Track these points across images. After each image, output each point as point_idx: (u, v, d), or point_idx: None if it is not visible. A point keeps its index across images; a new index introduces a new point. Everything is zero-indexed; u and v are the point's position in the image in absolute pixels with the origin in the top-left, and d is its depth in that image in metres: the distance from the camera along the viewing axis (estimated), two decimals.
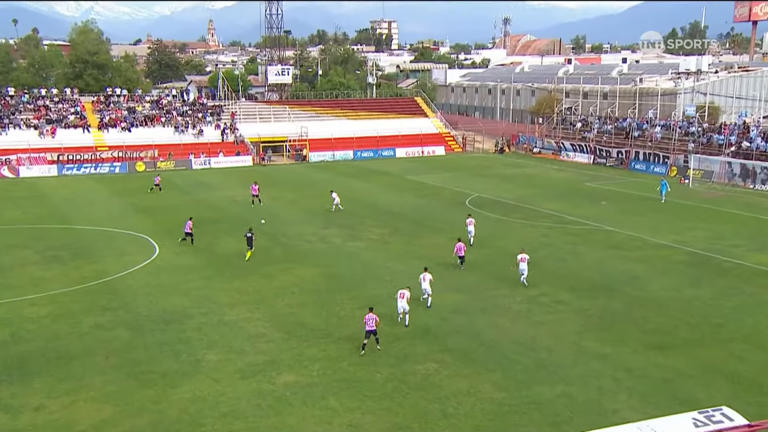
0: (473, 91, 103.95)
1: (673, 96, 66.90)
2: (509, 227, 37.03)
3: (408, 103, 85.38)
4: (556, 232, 35.76)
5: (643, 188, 49.57)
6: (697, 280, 26.85)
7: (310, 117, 77.40)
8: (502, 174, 58.47)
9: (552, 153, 69.90)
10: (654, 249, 31.99)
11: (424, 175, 57.51)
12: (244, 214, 41.07)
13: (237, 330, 22.59)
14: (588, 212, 40.82)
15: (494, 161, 67.44)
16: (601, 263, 29.66)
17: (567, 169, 60.52)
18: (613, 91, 72.37)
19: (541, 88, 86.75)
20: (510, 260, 30.14)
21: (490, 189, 49.25)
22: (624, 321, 22.91)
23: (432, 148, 73.71)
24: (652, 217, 39.38)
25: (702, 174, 52.30)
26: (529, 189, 49.71)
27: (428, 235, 35.43)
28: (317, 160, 68.47)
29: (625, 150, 61.28)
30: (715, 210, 41.36)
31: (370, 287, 26.78)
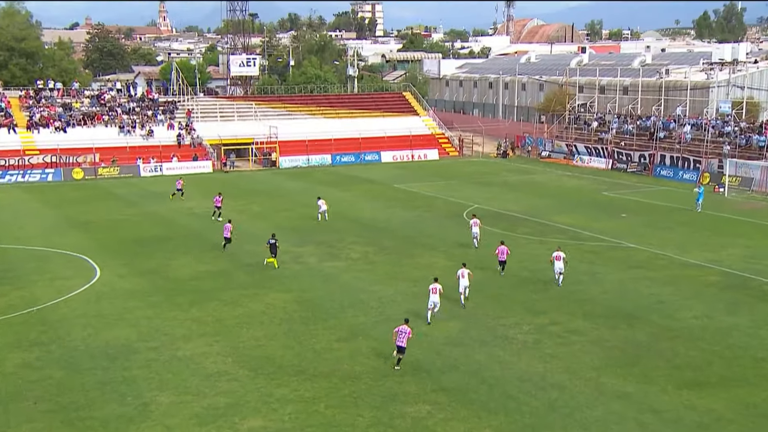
0: (471, 84, 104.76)
1: (705, 90, 67.86)
2: (515, 244, 37.21)
3: (395, 99, 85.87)
4: (570, 249, 35.97)
5: (670, 198, 50.12)
6: (735, 306, 27.16)
7: (281, 115, 77.56)
8: (506, 182, 58.82)
9: (564, 157, 70.54)
10: (683, 269, 32.33)
11: (414, 184, 57.71)
12: (203, 230, 40.95)
13: (193, 367, 22.47)
14: (606, 226, 41.16)
15: (496, 167, 67.86)
16: (622, 286, 29.91)
17: (581, 176, 61.07)
18: (635, 84, 73.28)
19: (550, 81, 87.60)
20: (515, 282, 30.32)
21: (492, 199, 49.53)
22: (650, 354, 23.09)
23: (424, 152, 74.09)
24: (680, 231, 39.83)
25: (739, 181, 53.00)
26: (538, 199, 50.05)
27: (420, 253, 35.56)
28: (289, 166, 68.53)
29: (649, 153, 62.01)
30: (754, 223, 41.86)
31: (351, 315, 26.81)
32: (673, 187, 55.17)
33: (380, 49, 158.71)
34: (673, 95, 69.36)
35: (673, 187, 54.84)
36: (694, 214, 44.49)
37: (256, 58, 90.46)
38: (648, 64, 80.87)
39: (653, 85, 72.04)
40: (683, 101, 66.21)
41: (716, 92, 66.53)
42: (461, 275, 27.25)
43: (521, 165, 68.50)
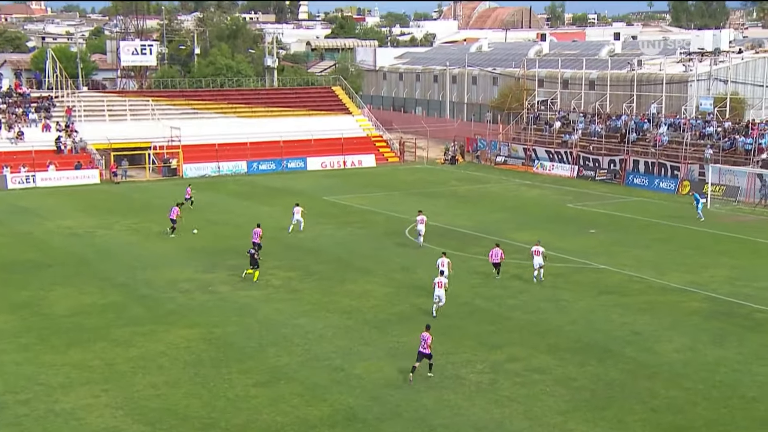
0: (413, 78, 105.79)
1: (684, 84, 70.16)
2: (466, 266, 37.60)
3: (323, 95, 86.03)
4: (531, 272, 36.54)
5: (645, 210, 51.50)
6: (721, 337, 27.94)
7: (185, 114, 76.77)
8: (455, 193, 59.43)
9: (522, 163, 71.80)
10: (662, 294, 33.16)
11: (347, 196, 57.77)
12: (87, 253, 40.08)
13: (74, 423, 21.87)
14: (572, 244, 41.95)
15: (444, 175, 68.52)
16: (591, 315, 30.49)
17: (542, 186, 62.23)
18: (603, 78, 75.28)
19: (505, 74, 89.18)
20: (467, 311, 30.59)
21: (440, 214, 49.97)
22: (624, 395, 23.54)
23: (358, 158, 74.34)
24: (657, 250, 40.91)
25: (724, 191, 54.89)
26: (492, 213, 50.71)
27: (354, 278, 35.61)
28: (195, 175, 67.83)
29: (621, 159, 63.67)
30: (741, 240, 43.33)
31: (272, 355, 26.59)
32: (648, 197, 56.73)
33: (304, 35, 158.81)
34: (647, 90, 71.49)
35: (648, 198, 56.38)
36: (671, 230, 45.78)
37: (153, 44, 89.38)
38: (617, 54, 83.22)
39: (624, 79, 74.10)
40: (658, 97, 68.26)
41: (696, 87, 68.81)
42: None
43: (473, 173, 69.37)
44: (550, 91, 79.86)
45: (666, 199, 55.64)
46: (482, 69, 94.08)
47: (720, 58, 70.74)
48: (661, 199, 55.64)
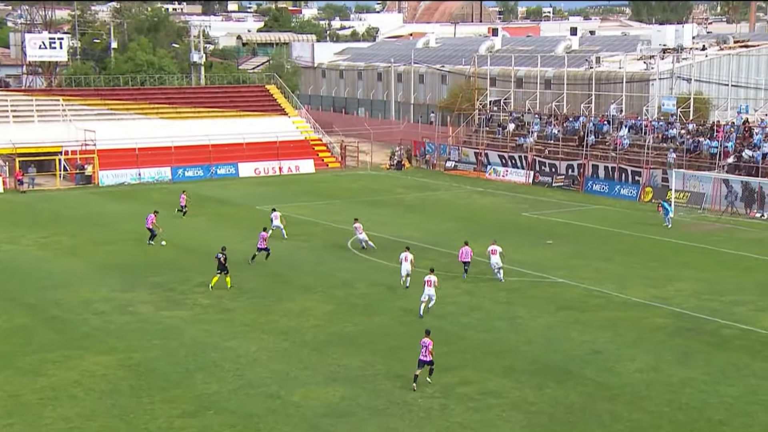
0: (355, 76, 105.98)
1: (645, 84, 71.53)
2: (412, 281, 37.70)
3: (256, 94, 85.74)
4: (484, 287, 36.81)
5: (606, 219, 52.31)
6: (687, 356, 28.43)
7: (101, 115, 75.78)
8: (402, 201, 59.63)
9: (473, 169, 72.41)
10: (623, 309, 33.67)
11: (283, 205, 57.50)
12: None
13: None
14: (528, 256, 42.41)
15: (389, 182, 68.71)
16: (549, 333, 30.83)
17: (496, 193, 62.82)
18: (559, 76, 76.37)
19: (455, 71, 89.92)
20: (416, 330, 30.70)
21: (385, 224, 50.06)
22: (585, 419, 23.81)
23: (295, 163, 74.22)
24: (619, 262, 41.58)
25: (688, 197, 56.05)
26: (442, 223, 51.01)
27: (291, 296, 35.52)
28: (112, 183, 66.99)
29: (579, 164, 64.63)
30: (707, 250, 44.27)
31: (200, 381, 26.34)
32: (608, 205, 57.66)
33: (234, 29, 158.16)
34: (606, 90, 72.74)
35: (609, 206, 57.31)
36: (633, 240, 46.54)
37: (64, 37, 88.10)
38: (575, 51, 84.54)
39: (582, 77, 75.31)
40: (618, 97, 69.48)
41: (658, 86, 70.20)
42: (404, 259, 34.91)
43: (421, 179, 69.69)
44: (503, 91, 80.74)
45: (627, 207, 56.62)
46: (430, 66, 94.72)
47: (683, 55, 72.33)
48: (623, 207, 56.60)
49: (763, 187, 52.72)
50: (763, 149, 55.38)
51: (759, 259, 42.05)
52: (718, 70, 70.77)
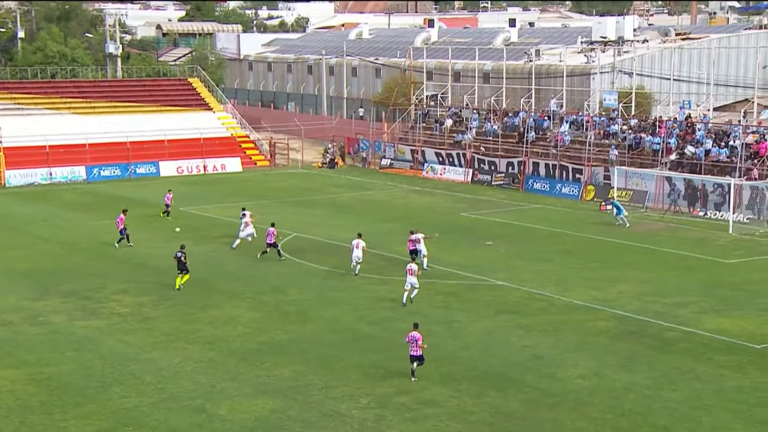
0: (284, 68, 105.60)
1: (586, 77, 72.53)
2: (347, 285, 37.69)
3: (178, 88, 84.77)
4: (421, 290, 36.88)
5: (547, 219, 52.88)
6: (630, 360, 28.84)
7: (6, 110, 74.24)
8: (335, 201, 59.53)
9: (410, 167, 72.61)
10: (565, 312, 34.06)
11: (208, 206, 57.07)
12: None
13: None
14: (467, 258, 42.67)
15: (322, 181, 68.55)
16: (488, 338, 31.02)
17: (434, 192, 63.08)
18: (498, 69, 77.04)
19: (389, 64, 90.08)
20: (350, 337, 30.65)
21: (317, 225, 49.91)
22: (526, 428, 23.96)
23: (221, 161, 73.63)
24: (561, 263, 42.06)
25: (631, 196, 56.93)
26: (378, 224, 51.04)
27: (217, 302, 35.23)
28: (20, 184, 65.77)
29: (519, 161, 65.24)
30: (650, 251, 45.00)
31: (118, 396, 25.97)
32: (549, 204, 58.29)
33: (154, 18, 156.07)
34: (546, 84, 73.58)
35: (550, 205, 57.94)
36: (575, 240, 47.10)
37: None
38: (514, 43, 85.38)
39: (521, 71, 76.06)
40: (559, 92, 70.32)
41: (599, 80, 71.24)
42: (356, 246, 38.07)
43: (355, 178, 69.66)
44: (440, 85, 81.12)
45: (569, 206, 57.33)
46: (363, 59, 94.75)
47: (624, 48, 73.48)
48: (564, 206, 57.28)
49: (705, 185, 53.76)
50: (706, 146, 56.47)
51: (701, 258, 42.90)
52: (660, 64, 72.13)
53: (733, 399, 25.43)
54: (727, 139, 56.53)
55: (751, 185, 50.90)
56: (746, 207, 51.07)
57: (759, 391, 26.00)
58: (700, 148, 56.64)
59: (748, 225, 49.22)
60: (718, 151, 55.57)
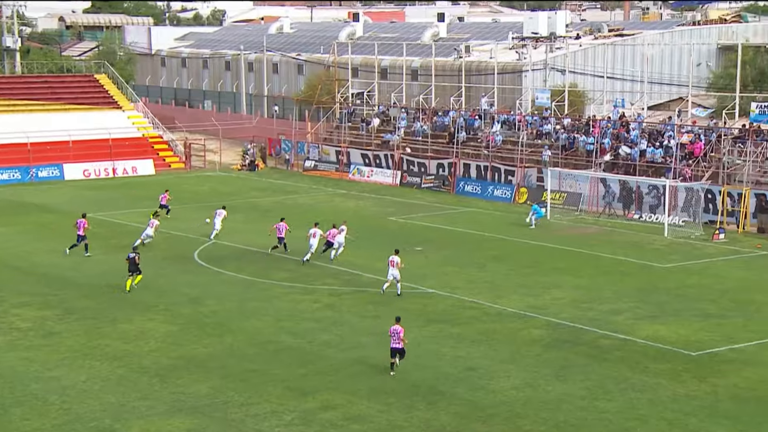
0: (200, 65, 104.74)
1: (517, 75, 73.40)
2: (268, 295, 37.55)
3: (84, 85, 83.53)
4: (347, 299, 36.91)
5: (479, 223, 53.31)
6: (565, 370, 29.25)
7: None
8: (256, 206, 59.25)
9: (335, 169, 72.59)
10: (498, 321, 34.41)
11: (117, 212, 56.38)
12: None
13: None
14: None
15: (241, 184, 68.18)
16: (418, 349, 31.07)
17: (361, 196, 63.17)
18: (426, 66, 77.47)
19: (313, 60, 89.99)
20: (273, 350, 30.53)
21: (237, 231, 49.60)
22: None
23: (132, 164, 72.82)
24: (493, 269, 42.48)
25: (564, 198, 57.74)
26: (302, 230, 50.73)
27: (129, 315, 34.85)
28: None
29: (450, 162, 65.70)
30: (585, 255, 45.70)
31: (18, 417, 25.51)
32: (481, 207, 58.79)
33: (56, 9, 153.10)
34: (477, 81, 74.24)
35: (482, 208, 58.44)
36: (508, 245, 47.64)
37: None
38: (442, 39, 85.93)
39: (450, 68, 76.60)
40: (490, 90, 71.01)
41: (531, 77, 72.12)
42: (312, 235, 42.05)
43: (277, 181, 69.40)
44: (366, 82, 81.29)
45: (501, 209, 57.90)
46: (284, 54, 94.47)
47: (556, 44, 74.54)
48: (496, 210, 57.84)
49: (640, 187, 54.77)
50: (641, 146, 57.55)
51: (636, 263, 43.72)
52: (593, 61, 73.21)
53: (669, 408, 25.98)
54: (662, 138, 57.76)
55: (686, 186, 51.95)
56: (681, 209, 52.10)
57: (695, 399, 26.62)
58: (634, 149, 57.70)
59: (684, 228, 50.23)
60: (653, 152, 56.69)
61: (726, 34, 78.62)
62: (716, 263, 43.86)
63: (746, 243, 47.74)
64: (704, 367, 29.19)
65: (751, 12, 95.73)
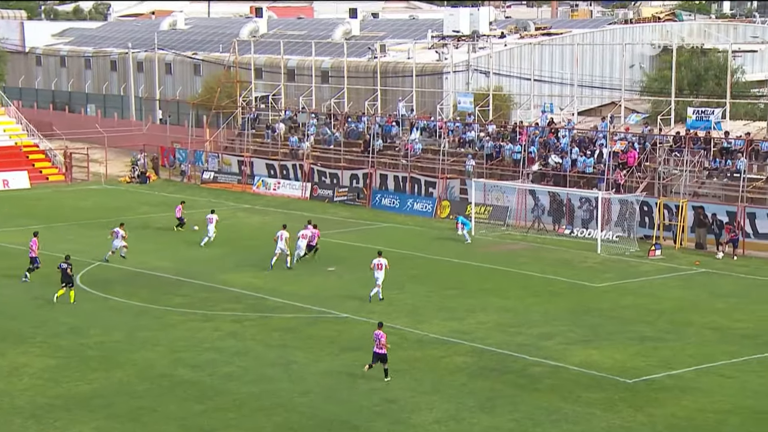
0: (81, 64, 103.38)
1: (438, 77, 73.84)
2: (162, 322, 37.17)
3: None
4: (252, 326, 36.68)
5: (397, 239, 53.41)
6: (491, 401, 29.39)
7: None
8: (148, 223, 58.71)
9: (238, 181, 72.19)
10: (420, 348, 34.50)
11: None
12: None
13: None
14: (306, 287, 42.84)
15: (131, 198, 67.46)
16: (330, 381, 31.08)
17: (267, 210, 62.88)
18: (338, 67, 77.58)
19: (211, 60, 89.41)
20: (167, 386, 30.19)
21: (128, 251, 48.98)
22: None
23: (3, 176, 71.79)
24: (413, 291, 42.64)
25: (490, 212, 58.24)
26: (200, 249, 50.52)
27: (1, 349, 34.15)
28: None
29: (365, 173, 65.80)
30: (512, 274, 46.16)
31: None
32: (399, 222, 59.01)
33: None
34: (394, 84, 74.61)
35: (401, 223, 58.65)
36: (430, 264, 47.86)
37: None
38: (355, 37, 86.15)
39: (364, 69, 76.84)
40: (408, 93, 71.30)
41: (453, 80, 72.66)
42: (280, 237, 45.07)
43: (171, 194, 68.71)
44: (271, 84, 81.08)
45: (422, 225, 58.18)
46: (179, 53, 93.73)
47: (479, 43, 75.24)
48: (417, 225, 58.09)
49: (572, 199, 55.51)
50: (572, 155, 58.25)
51: (568, 282, 44.35)
52: (519, 62, 74.09)
53: None
54: (593, 147, 58.58)
55: (620, 199, 52.81)
56: (615, 224, 52.99)
57: (630, 431, 27.06)
58: (565, 158, 58.39)
59: (618, 244, 51.12)
60: (584, 161, 57.41)
61: (660, 34, 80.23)
62: (652, 282, 44.76)
63: (684, 260, 48.77)
64: (640, 395, 29.69)
65: (686, 10, 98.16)
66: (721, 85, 63.02)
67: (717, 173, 53.94)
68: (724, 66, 64.12)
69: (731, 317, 38.27)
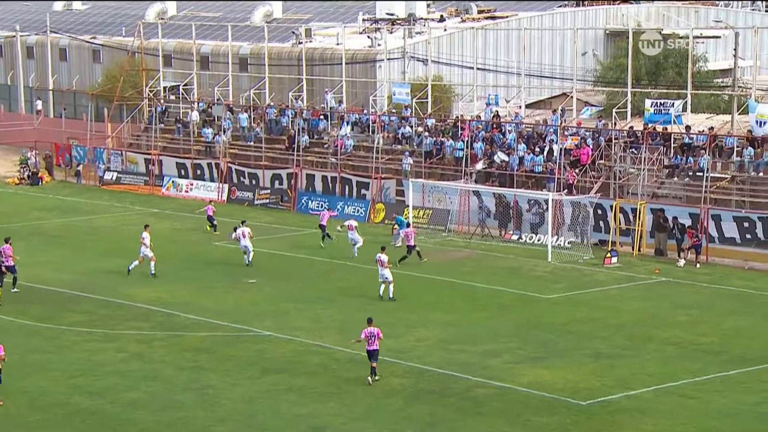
0: None
1: (371, 66, 73.74)
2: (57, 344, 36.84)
3: None
4: (161, 347, 36.43)
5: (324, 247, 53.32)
6: (431, 427, 29.47)
7: None
8: (41, 230, 58.12)
9: (145, 183, 71.65)
10: (351, 369, 34.39)
11: None
12: None
13: None
14: (222, 302, 42.76)
15: (20, 202, 66.82)
16: (251, 406, 30.98)
17: (177, 215, 62.54)
18: (258, 53, 77.29)
19: (112, 45, 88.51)
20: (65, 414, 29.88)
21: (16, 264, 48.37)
22: None
23: None
24: (344, 304, 42.73)
25: (430, 216, 58.37)
26: (102, 259, 50.13)
27: None
28: None
29: (289, 173, 65.62)
30: (456, 286, 46.35)
31: None
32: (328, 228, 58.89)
33: None
34: (321, 73, 74.40)
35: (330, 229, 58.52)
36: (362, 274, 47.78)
37: None
38: (277, 20, 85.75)
39: (288, 56, 76.59)
40: (337, 84, 71.20)
41: (387, 68, 72.55)
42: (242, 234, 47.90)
43: (68, 198, 68.07)
44: (182, 73, 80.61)
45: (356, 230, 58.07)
46: (75, 37, 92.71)
47: (416, 28, 75.21)
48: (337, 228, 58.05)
49: (519, 202, 55.77)
50: (519, 152, 58.55)
51: (515, 293, 44.69)
52: (461, 48, 74.04)
53: None
54: (543, 143, 58.88)
55: (572, 201, 53.17)
56: (568, 228, 53.38)
57: None
58: (512, 155, 58.61)
59: (570, 250, 51.55)
60: (533, 159, 57.67)
61: (615, 17, 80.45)
62: (609, 292, 45.25)
63: (642, 267, 49.33)
64: (596, 418, 29.92)
65: None
66: (682, 75, 63.64)
67: (678, 172, 54.53)
68: (684, 53, 64.60)
69: (694, 331, 38.75)
